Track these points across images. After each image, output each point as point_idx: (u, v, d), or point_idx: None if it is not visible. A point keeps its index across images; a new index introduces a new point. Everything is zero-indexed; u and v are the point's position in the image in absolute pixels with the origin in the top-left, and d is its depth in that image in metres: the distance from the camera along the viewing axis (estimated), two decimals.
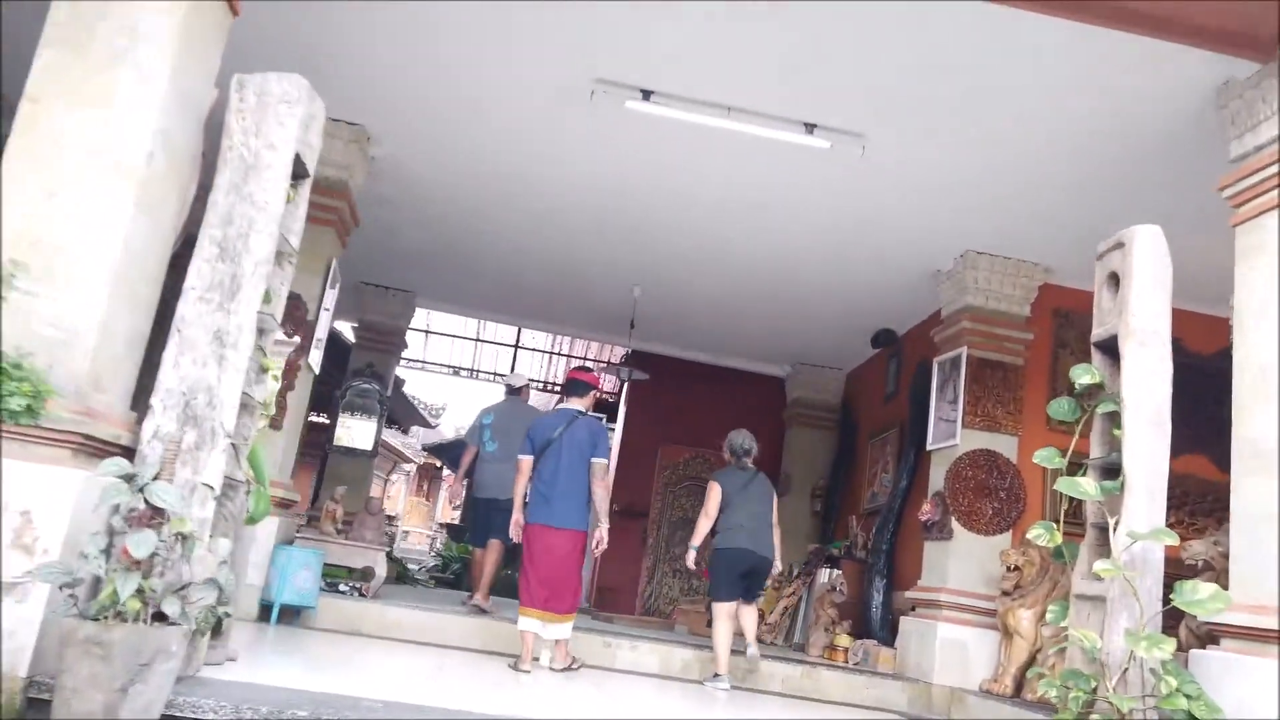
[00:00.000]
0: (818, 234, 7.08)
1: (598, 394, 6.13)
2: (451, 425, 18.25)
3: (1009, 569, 6.08)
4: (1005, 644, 6.11)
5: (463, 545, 12.55)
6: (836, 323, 9.19)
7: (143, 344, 3.48)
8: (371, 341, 10.13)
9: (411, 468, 22.24)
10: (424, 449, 17.82)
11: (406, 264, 9.31)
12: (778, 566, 6.18)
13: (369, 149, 6.48)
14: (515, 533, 5.70)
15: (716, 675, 5.78)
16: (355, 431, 9.86)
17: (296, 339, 6.01)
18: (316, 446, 11.21)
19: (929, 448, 7.09)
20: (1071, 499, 4.16)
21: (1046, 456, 4.11)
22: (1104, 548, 3.93)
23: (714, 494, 6.04)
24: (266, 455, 5.83)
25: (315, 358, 6.30)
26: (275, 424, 5.91)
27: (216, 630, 3.78)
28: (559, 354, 12.63)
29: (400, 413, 13.93)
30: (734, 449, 6.28)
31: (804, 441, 10.73)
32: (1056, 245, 6.61)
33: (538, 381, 13.03)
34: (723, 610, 5.85)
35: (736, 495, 5.99)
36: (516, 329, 12.14)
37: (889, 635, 7.27)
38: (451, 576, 11.90)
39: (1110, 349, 4.08)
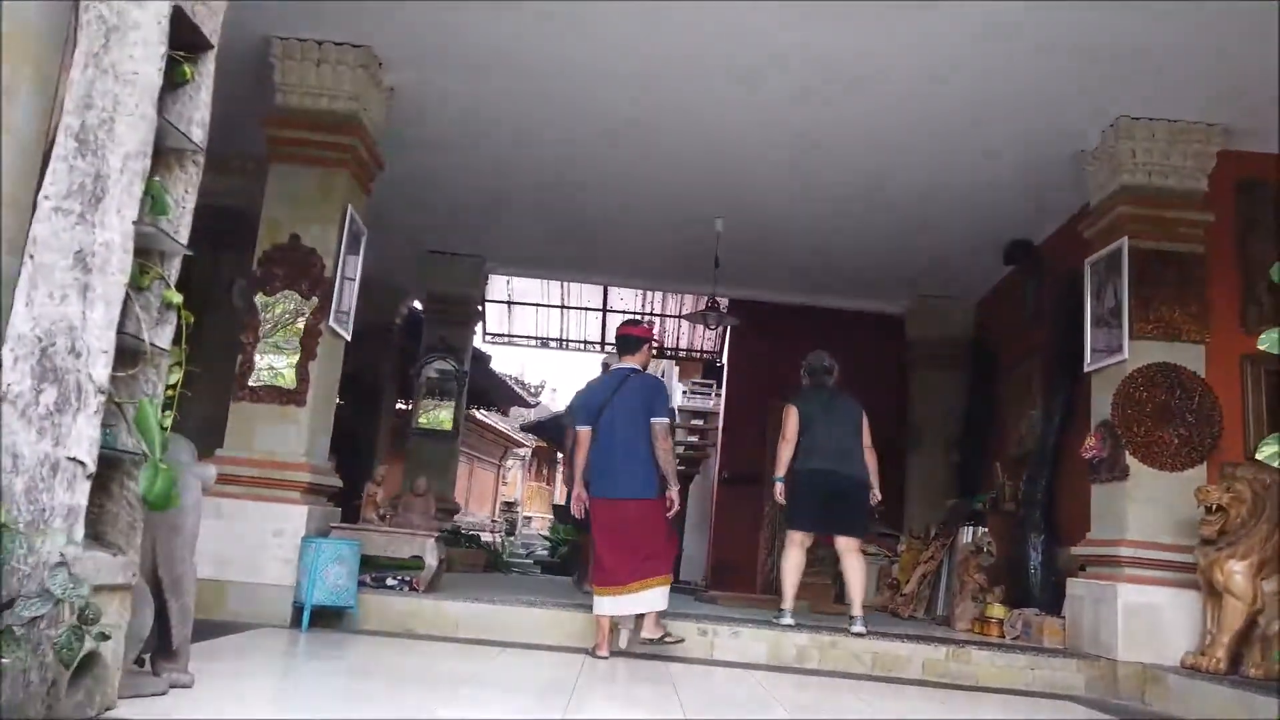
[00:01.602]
0: (926, 119, 5.80)
1: (653, 347, 5.28)
2: (556, 402, 17.54)
3: (1209, 510, 4.73)
4: (1211, 606, 4.77)
5: (569, 527, 11.82)
6: (959, 240, 7.84)
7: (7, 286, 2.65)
8: (442, 314, 9.39)
9: (525, 452, 21.77)
10: (523, 429, 17.16)
11: (468, 224, 8.50)
12: (878, 495, 5.58)
13: (381, 76, 5.61)
14: (577, 508, 4.96)
15: (780, 610, 5.37)
16: (434, 411, 9.16)
17: (315, 301, 5.23)
18: (405, 435, 10.62)
19: (1087, 369, 5.74)
20: None
21: (1277, 340, 2.85)
22: None
23: (790, 417, 5.57)
24: (303, 433, 5.11)
25: (342, 322, 5.48)
26: (298, 400, 5.15)
27: (166, 651, 2.97)
28: (651, 314, 11.65)
29: (494, 393, 13.26)
30: (812, 368, 5.80)
31: (932, 386, 9.37)
32: (1238, 99, 5.16)
33: None
34: (794, 539, 5.48)
35: (817, 416, 5.53)
36: (603, 290, 11.22)
37: (1053, 602, 5.97)
38: (558, 560, 11.16)
39: None
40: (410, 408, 9.40)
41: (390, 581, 5.22)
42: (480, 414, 15.90)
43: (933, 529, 7.69)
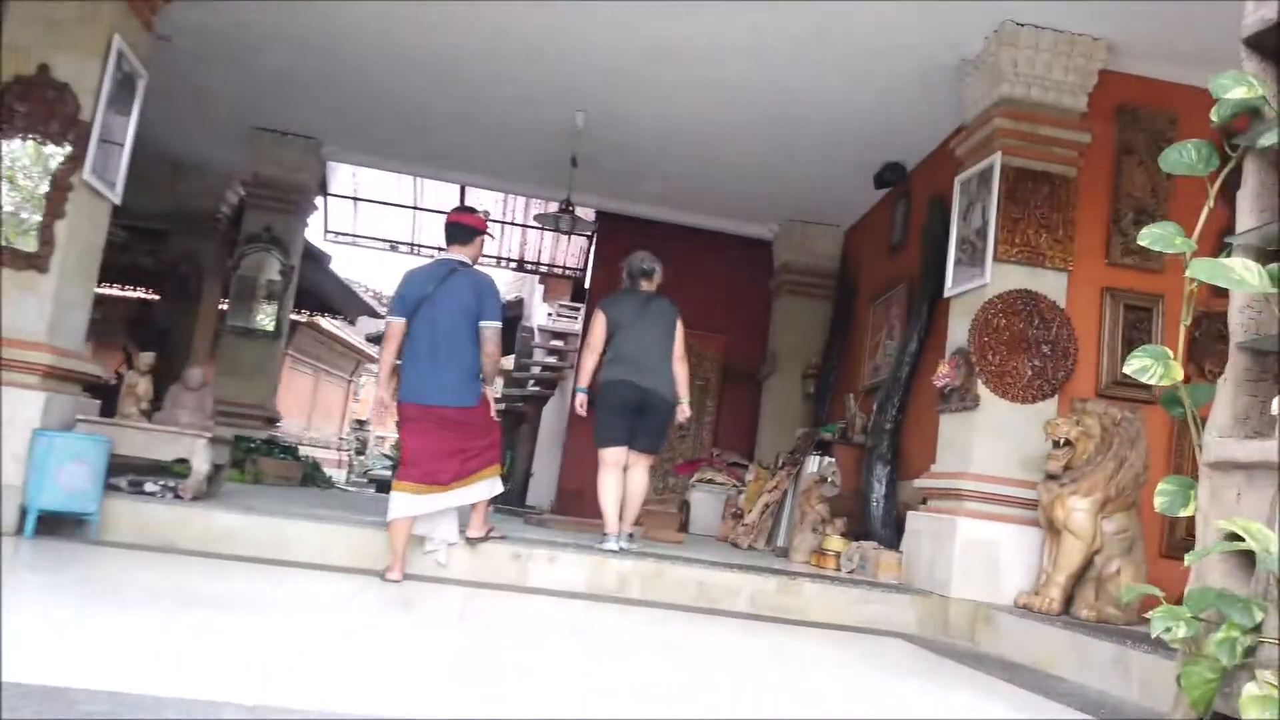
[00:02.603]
0: (798, 22, 5.30)
1: (486, 240, 4.65)
2: None
3: (1057, 444, 4.48)
4: (1050, 544, 4.56)
5: None
6: (830, 163, 7.43)
7: None
8: (267, 200, 8.39)
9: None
10: (369, 339, 16.20)
11: (298, 98, 7.51)
12: (685, 410, 5.19)
13: None
14: (380, 412, 4.33)
15: (604, 535, 4.96)
16: (253, 308, 8.24)
17: (68, 148, 4.32)
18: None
19: (948, 293, 5.42)
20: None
21: (1160, 237, 2.45)
22: (1262, 384, 2.32)
23: (597, 324, 5.19)
24: (45, 306, 4.24)
25: (107, 180, 4.58)
26: (39, 265, 4.27)
27: None
28: (512, 224, 10.88)
29: (339, 300, 12.27)
30: (630, 269, 5.36)
31: (794, 313, 9.06)
32: (1123, 12, 4.82)
33: (490, 258, 11.31)
34: (606, 458, 5.06)
35: (626, 323, 5.12)
36: (459, 191, 10.36)
37: (894, 536, 5.74)
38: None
39: (1276, 47, 2.39)
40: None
41: (150, 487, 4.46)
42: (327, 323, 14.80)
43: (779, 458, 7.40)
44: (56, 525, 4.10)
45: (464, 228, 4.47)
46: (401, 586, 4.06)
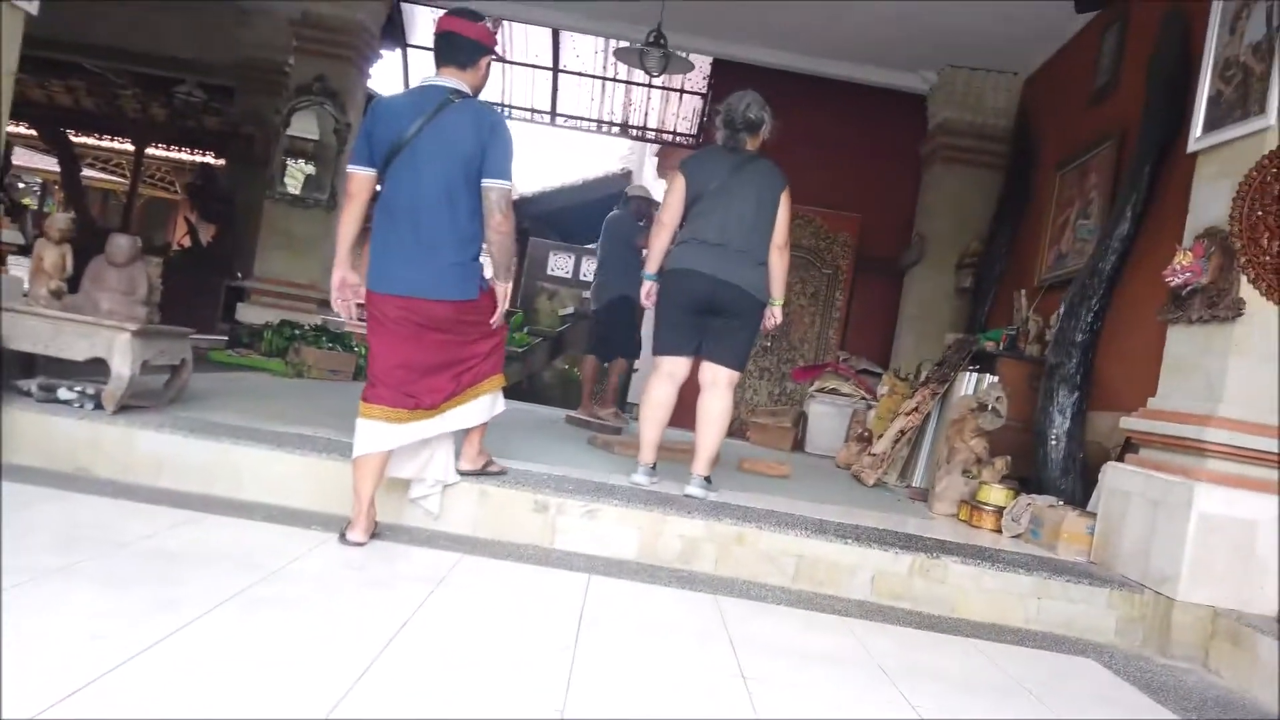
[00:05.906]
0: None
1: (493, 60, 3.14)
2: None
3: None
4: None
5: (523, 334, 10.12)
6: None
7: None
8: (319, 44, 7.16)
9: None
10: None
11: None
12: (777, 314, 3.81)
13: None
14: (340, 304, 3.09)
15: (637, 466, 3.83)
16: (304, 172, 7.14)
17: None
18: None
19: (1195, 146, 3.64)
20: None
21: None
22: None
23: (674, 188, 3.81)
24: None
25: None
26: None
27: None
28: (615, 79, 9.33)
29: None
30: (728, 117, 3.75)
31: (952, 186, 7.29)
32: None
33: (590, 121, 9.81)
34: (660, 366, 3.79)
35: (710, 189, 3.69)
36: (552, 40, 8.85)
37: (1079, 489, 4.18)
38: None
39: None
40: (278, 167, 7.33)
41: (65, 394, 3.38)
42: None
43: (924, 370, 5.83)
44: None
45: (460, 40, 3.01)
46: (363, 551, 2.87)
